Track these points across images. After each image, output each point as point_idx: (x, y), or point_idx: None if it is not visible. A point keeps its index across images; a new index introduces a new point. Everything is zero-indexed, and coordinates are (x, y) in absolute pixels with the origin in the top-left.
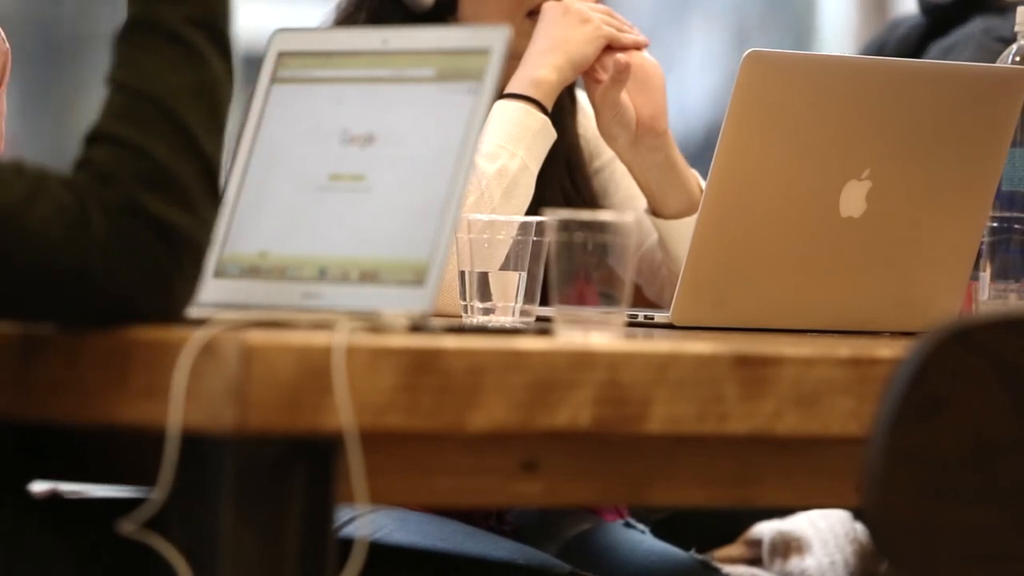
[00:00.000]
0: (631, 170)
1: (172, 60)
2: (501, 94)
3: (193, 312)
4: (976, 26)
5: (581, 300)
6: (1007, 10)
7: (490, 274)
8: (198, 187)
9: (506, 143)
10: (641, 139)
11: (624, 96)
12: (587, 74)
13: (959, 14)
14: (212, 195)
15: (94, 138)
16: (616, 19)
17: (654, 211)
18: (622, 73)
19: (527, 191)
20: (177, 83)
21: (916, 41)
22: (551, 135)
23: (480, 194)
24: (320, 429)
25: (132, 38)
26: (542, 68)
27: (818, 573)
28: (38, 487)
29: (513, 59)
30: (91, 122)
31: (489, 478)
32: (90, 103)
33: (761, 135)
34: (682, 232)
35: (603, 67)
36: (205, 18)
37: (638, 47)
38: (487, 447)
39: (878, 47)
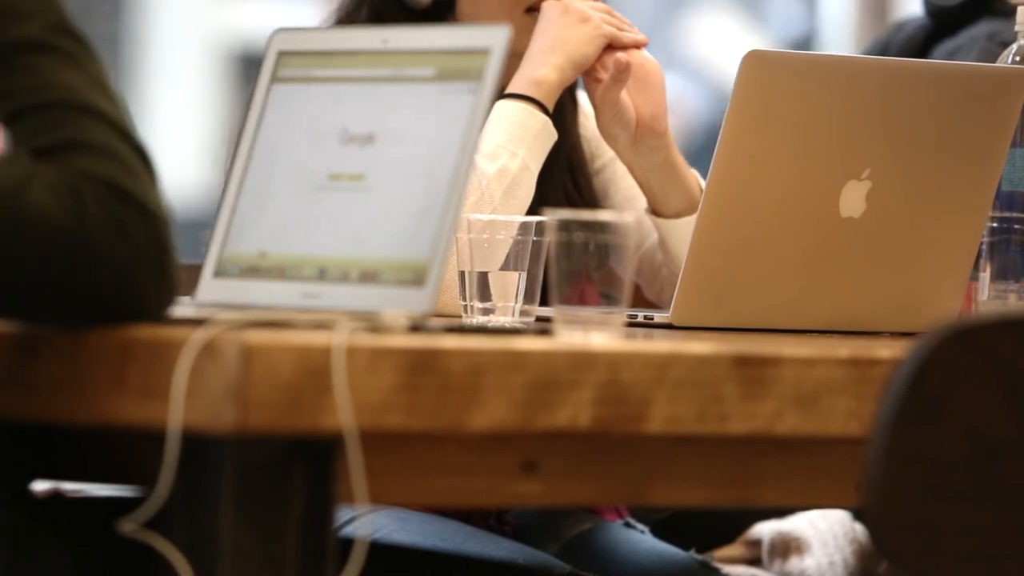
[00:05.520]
0: (631, 170)
1: (53, 65)
2: (502, 94)
3: (192, 311)
4: (981, 29)
5: (581, 300)
6: (1012, 14)
7: (490, 274)
8: (144, 167)
9: (507, 143)
10: (641, 139)
11: (624, 96)
12: (587, 73)
13: (965, 16)
14: (151, 169)
15: (45, 151)
16: (616, 18)
17: (654, 211)
18: (622, 73)
19: (528, 191)
20: (74, 81)
21: (921, 43)
22: (552, 135)
23: (480, 194)
24: (320, 429)
25: (5, 68)
26: (543, 68)
27: (817, 573)
28: (40, 486)
29: (512, 57)
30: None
31: (489, 478)
32: None
33: (761, 135)
34: (682, 232)
35: (603, 66)
36: (59, 24)
37: (638, 46)
38: (487, 447)
39: (882, 47)
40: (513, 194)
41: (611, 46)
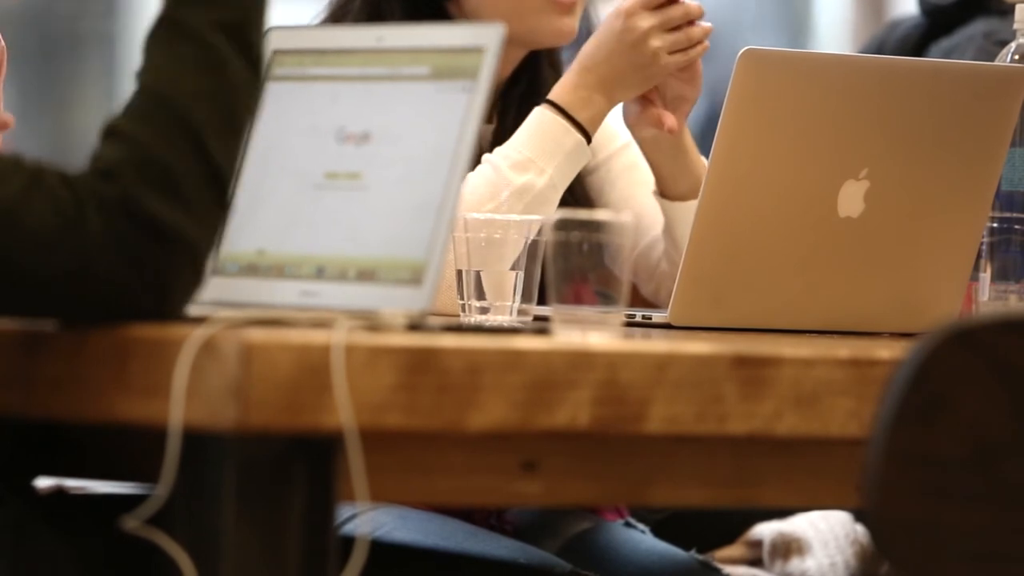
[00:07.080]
0: (641, 147)
1: (192, 63)
2: (545, 100)
3: (192, 310)
4: (977, 28)
5: (579, 300)
6: (1008, 12)
7: (487, 273)
8: (202, 192)
9: (537, 157)
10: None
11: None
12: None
13: (960, 15)
14: (217, 201)
15: (108, 133)
16: (675, 24)
17: (661, 192)
18: (667, 133)
19: (550, 210)
20: (194, 87)
21: (916, 42)
22: (585, 156)
23: (497, 204)
24: (320, 427)
25: (157, 37)
26: (597, 92)
27: (818, 574)
28: (42, 483)
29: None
30: (110, 115)
31: (489, 478)
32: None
33: (758, 134)
34: (686, 215)
35: (659, 97)
36: (232, 23)
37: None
38: (487, 447)
39: (877, 47)
40: (535, 211)
41: None
